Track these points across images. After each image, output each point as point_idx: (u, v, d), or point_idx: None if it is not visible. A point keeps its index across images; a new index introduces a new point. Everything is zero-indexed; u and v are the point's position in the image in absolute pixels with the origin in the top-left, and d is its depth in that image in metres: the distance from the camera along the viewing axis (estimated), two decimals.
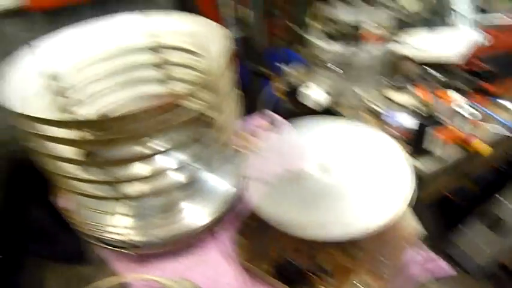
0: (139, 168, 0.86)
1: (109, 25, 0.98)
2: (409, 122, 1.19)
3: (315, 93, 1.34)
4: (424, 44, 1.45)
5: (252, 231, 0.92)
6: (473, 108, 1.23)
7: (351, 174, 0.78)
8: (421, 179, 1.19)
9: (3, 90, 0.72)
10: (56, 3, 1.56)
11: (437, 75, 1.41)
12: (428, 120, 1.10)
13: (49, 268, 2.08)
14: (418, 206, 1.31)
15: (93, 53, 0.96)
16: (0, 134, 1.87)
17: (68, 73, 0.92)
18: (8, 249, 1.90)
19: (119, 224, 0.86)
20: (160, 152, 0.74)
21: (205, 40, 0.88)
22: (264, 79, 1.80)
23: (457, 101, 1.26)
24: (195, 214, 0.89)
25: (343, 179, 0.78)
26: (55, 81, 0.89)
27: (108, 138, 0.68)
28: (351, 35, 1.33)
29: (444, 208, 2.20)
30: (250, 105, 2.04)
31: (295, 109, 1.71)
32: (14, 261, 1.98)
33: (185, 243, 0.90)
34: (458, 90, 1.34)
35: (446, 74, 1.39)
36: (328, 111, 1.41)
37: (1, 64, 0.80)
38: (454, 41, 1.44)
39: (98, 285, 0.85)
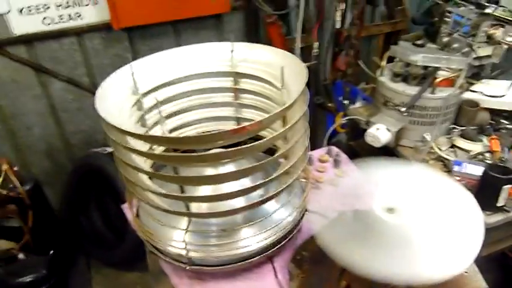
0: (206, 189, 0.90)
1: (197, 51, 1.05)
2: (477, 172, 1.15)
3: (379, 132, 1.33)
4: (498, 93, 1.41)
5: (307, 263, 0.93)
6: None
7: (418, 220, 0.77)
8: (485, 232, 1.14)
9: (102, 101, 0.80)
10: (138, 21, 1.69)
11: (509, 125, 1.37)
12: (500, 173, 1.06)
13: (98, 270, 2.18)
14: (479, 260, 1.25)
15: (178, 75, 1.03)
16: (72, 139, 2.04)
17: (155, 92, 1.00)
18: (62, 247, 2.02)
19: (181, 239, 0.90)
20: (228, 177, 0.78)
21: (281, 71, 0.92)
22: (327, 113, 1.83)
23: None
24: (254, 241, 0.91)
25: (409, 223, 0.76)
26: (144, 99, 0.96)
27: (182, 155, 0.73)
28: (423, 77, 1.32)
29: (502, 264, 2.06)
30: (312, 138, 2.07)
31: (356, 146, 1.71)
32: (66, 259, 2.10)
33: (242, 267, 0.91)
34: None
35: None
36: (391, 151, 1.40)
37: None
38: None
39: None
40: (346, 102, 1.68)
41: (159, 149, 0.97)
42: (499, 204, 1.10)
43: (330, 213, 1.06)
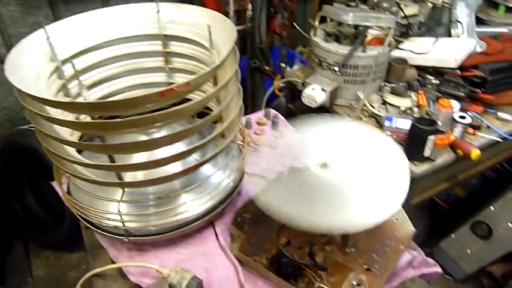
0: (139, 157, 0.87)
1: (119, 13, 0.98)
2: (406, 126, 1.21)
3: (315, 93, 1.35)
4: (424, 50, 1.48)
5: (247, 224, 0.94)
6: (468, 115, 1.26)
7: (350, 172, 0.80)
8: (414, 181, 1.21)
9: (14, 71, 0.73)
10: None
11: (435, 81, 1.44)
12: (426, 125, 1.12)
13: (38, 254, 2.07)
14: (409, 207, 1.34)
15: (102, 40, 0.97)
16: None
17: (76, 59, 0.93)
18: None
19: (116, 211, 0.87)
20: (161, 142, 0.75)
21: (210, 31, 0.88)
22: (265, 77, 1.82)
23: (453, 107, 1.29)
24: (194, 206, 0.90)
25: (342, 176, 0.79)
26: (64, 66, 0.89)
27: (107, 122, 0.69)
28: (355, 37, 1.35)
29: (432, 212, 2.25)
30: (251, 101, 2.06)
31: (295, 108, 1.73)
32: (1, 245, 1.97)
33: (183, 233, 0.90)
34: (454, 97, 1.37)
35: (444, 80, 1.42)
36: (327, 111, 1.43)
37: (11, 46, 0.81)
38: (452, 49, 1.46)
39: (95, 273, 0.85)
40: (283, 65, 1.68)
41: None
42: (425, 155, 1.17)
43: (269, 174, 1.07)
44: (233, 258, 0.87)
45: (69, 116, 0.89)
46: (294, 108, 1.72)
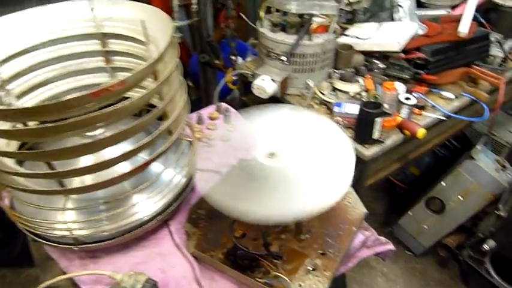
0: (83, 161, 0.84)
1: (51, 12, 0.94)
2: (354, 111, 1.23)
3: (265, 83, 1.35)
4: (368, 35, 1.51)
5: (203, 220, 0.93)
6: (413, 96, 1.30)
7: (299, 160, 0.80)
8: (366, 164, 1.25)
9: None
10: None
11: (381, 65, 1.48)
12: (372, 108, 1.15)
13: None
14: (363, 189, 1.38)
15: (35, 42, 0.92)
16: None
17: (7, 63, 0.88)
18: None
19: (64, 220, 0.83)
20: (102, 142, 0.72)
21: (144, 26, 0.86)
22: (217, 71, 1.80)
23: (398, 90, 1.33)
24: (146, 206, 0.88)
25: (291, 164, 0.80)
26: None
27: (40, 127, 0.65)
28: (301, 25, 1.35)
29: (390, 192, 2.32)
30: (205, 97, 2.04)
31: (248, 100, 1.73)
32: None
33: (137, 236, 0.88)
34: (400, 79, 1.41)
35: (389, 64, 1.46)
36: (279, 102, 1.44)
37: None
38: (395, 33, 1.51)
39: (45, 286, 0.81)
40: (233, 58, 1.67)
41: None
42: (374, 137, 1.20)
43: (222, 169, 1.06)
44: (189, 256, 0.86)
45: (5, 125, 0.84)
46: (248, 100, 1.72)
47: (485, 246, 1.67)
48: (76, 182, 0.86)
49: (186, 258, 0.86)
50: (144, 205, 0.88)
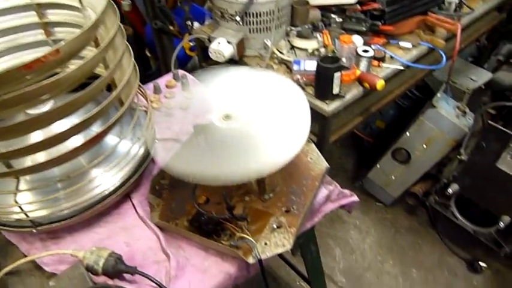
0: (33, 138, 0.79)
1: None
2: (313, 67, 1.22)
3: (221, 47, 1.31)
4: None
5: (166, 190, 0.91)
6: (371, 48, 1.30)
7: (255, 119, 0.79)
8: (328, 120, 1.25)
9: None
10: None
11: (338, 19, 1.45)
12: (330, 63, 1.14)
13: None
14: (329, 146, 1.39)
15: None
16: None
17: None
18: None
19: (17, 203, 0.80)
20: (51, 116, 0.69)
21: None
22: (174, 38, 1.74)
23: (356, 43, 1.32)
24: (105, 180, 0.86)
25: (247, 124, 0.78)
26: None
27: None
28: None
29: (358, 147, 2.37)
30: (164, 67, 1.97)
31: (206, 65, 1.68)
32: None
33: (99, 212, 0.86)
34: (358, 32, 1.40)
35: (346, 17, 1.43)
36: (237, 63, 1.41)
37: None
38: None
39: (7, 271, 0.79)
40: (188, 22, 1.61)
41: None
42: (334, 92, 1.20)
43: (183, 137, 1.04)
44: (154, 227, 0.85)
45: None
46: (206, 65, 1.67)
47: (450, 191, 1.73)
48: (27, 162, 0.82)
49: (151, 229, 0.85)
50: (103, 179, 0.86)
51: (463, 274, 1.84)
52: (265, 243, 0.79)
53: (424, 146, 1.83)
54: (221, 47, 1.31)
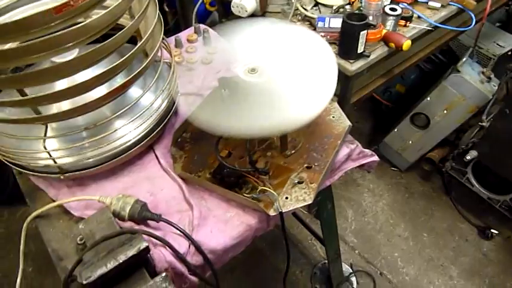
0: (58, 87, 0.80)
1: None
2: (338, 25, 1.19)
3: (244, 1, 1.28)
4: None
5: (188, 143, 0.92)
6: (399, 6, 1.25)
7: (281, 73, 0.78)
8: (350, 79, 1.23)
9: None
10: None
11: None
12: (356, 20, 1.10)
13: None
14: (349, 107, 1.37)
15: None
16: None
17: None
18: None
19: (46, 149, 0.82)
20: (75, 63, 0.69)
21: None
22: None
23: (384, 0, 1.27)
24: (128, 130, 0.87)
25: (273, 78, 0.77)
26: None
27: (5, 49, 0.61)
28: None
29: (376, 112, 2.34)
30: (183, 22, 1.94)
31: (226, 21, 1.65)
32: None
33: (122, 162, 0.88)
34: None
35: None
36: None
37: None
38: None
39: (37, 214, 0.82)
40: None
41: None
42: (359, 51, 1.17)
43: (205, 91, 1.04)
44: (177, 177, 0.87)
45: None
46: (227, 21, 1.64)
47: (468, 157, 1.72)
48: (53, 109, 0.83)
49: (174, 180, 0.87)
50: (127, 130, 0.87)
51: (473, 240, 1.86)
52: (286, 198, 0.80)
53: (445, 111, 1.80)
54: (244, 1, 1.28)
